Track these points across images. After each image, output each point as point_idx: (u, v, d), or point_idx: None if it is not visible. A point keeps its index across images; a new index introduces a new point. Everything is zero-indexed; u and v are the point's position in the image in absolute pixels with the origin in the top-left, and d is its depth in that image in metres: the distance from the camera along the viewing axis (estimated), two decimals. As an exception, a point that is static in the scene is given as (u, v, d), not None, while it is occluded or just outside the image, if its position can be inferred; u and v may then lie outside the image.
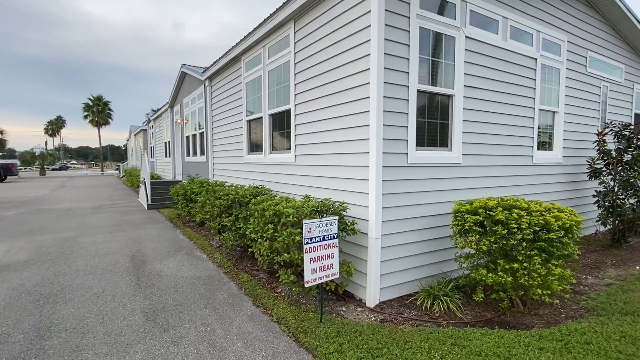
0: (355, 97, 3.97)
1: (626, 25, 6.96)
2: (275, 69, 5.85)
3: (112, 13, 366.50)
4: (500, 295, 3.56)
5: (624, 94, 7.54)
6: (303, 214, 3.59)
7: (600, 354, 2.84)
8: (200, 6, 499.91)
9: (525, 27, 5.23)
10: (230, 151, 7.98)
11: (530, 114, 5.44)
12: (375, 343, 3.01)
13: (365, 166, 3.86)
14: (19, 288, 4.40)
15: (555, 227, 3.22)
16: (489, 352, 2.87)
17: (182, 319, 3.55)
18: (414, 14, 3.97)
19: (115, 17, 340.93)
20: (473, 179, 4.72)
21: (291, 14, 5.11)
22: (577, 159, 6.39)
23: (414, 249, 4.13)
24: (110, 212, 10.60)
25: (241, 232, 4.83)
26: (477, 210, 3.59)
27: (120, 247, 6.38)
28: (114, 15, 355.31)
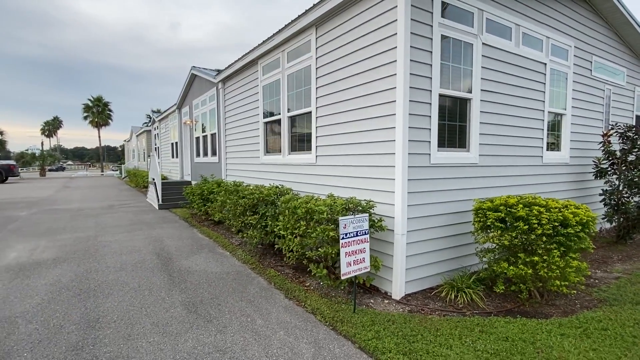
0: (382, 101, 4.20)
1: (628, 31, 7.25)
2: (295, 73, 6.07)
3: (107, 13, 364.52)
4: (520, 287, 3.80)
5: (626, 97, 7.83)
6: (335, 212, 3.81)
7: (617, 338, 3.08)
8: (197, 6, 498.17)
9: (535, 34, 5.49)
10: (245, 152, 8.18)
11: (540, 117, 5.70)
12: (409, 330, 3.24)
13: (392, 166, 4.09)
14: (56, 284, 4.59)
15: (573, 223, 3.47)
16: (515, 337, 3.11)
17: (222, 311, 3.76)
18: (436, 23, 4.21)
19: (111, 17, 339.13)
20: (489, 178, 4.97)
21: (313, 21, 5.33)
22: (583, 159, 6.66)
23: (436, 245, 4.36)
24: (122, 212, 10.76)
25: (268, 230, 5.04)
26: (499, 208, 3.83)
27: (143, 245, 6.57)
28: (110, 15, 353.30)
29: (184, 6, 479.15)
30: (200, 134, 11.60)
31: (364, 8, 4.42)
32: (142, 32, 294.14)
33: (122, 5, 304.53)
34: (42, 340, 3.19)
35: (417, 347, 2.95)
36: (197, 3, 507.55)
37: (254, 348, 3.04)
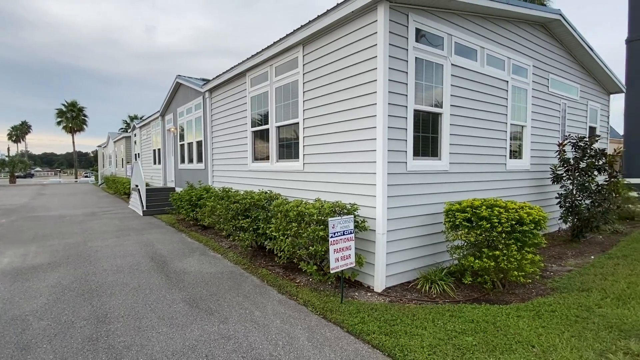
0: (364, 115, 4.71)
1: (580, 51, 8.13)
2: (282, 86, 6.52)
3: (79, 15, 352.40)
4: (485, 278, 4.36)
5: (579, 110, 8.72)
6: (324, 214, 4.27)
7: (563, 318, 3.67)
8: (174, 10, 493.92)
9: (498, 55, 6.17)
10: (233, 159, 8.53)
11: (503, 128, 6.38)
12: (389, 316, 3.72)
13: (373, 173, 4.60)
14: (57, 285, 4.81)
15: (527, 221, 4.06)
16: (480, 319, 3.64)
17: (221, 305, 4.13)
18: (411, 47, 4.77)
19: (83, 19, 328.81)
20: (458, 183, 5.56)
21: (300, 40, 5.81)
22: (542, 166, 7.41)
23: (412, 243, 4.89)
24: (106, 218, 10.83)
25: (260, 232, 5.43)
26: (466, 209, 4.39)
27: (135, 249, 6.80)
28: (82, 17, 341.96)
29: (160, 10, 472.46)
30: (186, 141, 11.82)
31: (348, 32, 4.94)
32: (116, 35, 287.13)
33: (95, 7, 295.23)
34: (58, 333, 3.47)
35: (397, 329, 3.44)
36: (173, 7, 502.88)
37: (255, 334, 3.44)
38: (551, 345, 3.14)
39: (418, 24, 4.85)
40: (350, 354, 3.09)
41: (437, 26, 5.10)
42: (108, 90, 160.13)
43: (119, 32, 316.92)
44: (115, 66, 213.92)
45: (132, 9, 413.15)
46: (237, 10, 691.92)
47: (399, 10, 4.61)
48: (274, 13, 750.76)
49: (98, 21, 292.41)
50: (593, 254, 6.20)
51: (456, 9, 5.25)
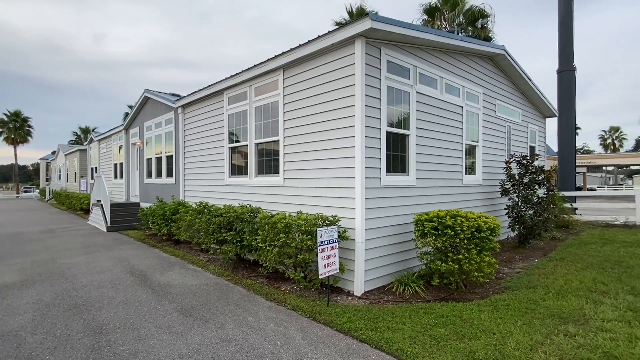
0: (344, 135, 5.24)
1: (521, 81, 9.35)
2: (262, 105, 6.92)
3: (18, 18, 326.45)
4: (450, 280, 4.97)
5: (522, 131, 9.93)
6: (311, 224, 4.69)
7: (516, 310, 4.33)
8: (126, 18, 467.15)
9: (455, 84, 7.04)
10: (208, 174, 8.70)
11: (459, 148, 7.21)
12: (372, 315, 4.18)
13: (352, 187, 5.11)
14: (39, 302, 4.76)
15: (484, 228, 4.75)
16: (448, 314, 4.21)
17: (215, 313, 4.37)
18: (383, 76, 5.42)
19: (23, 24, 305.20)
20: (423, 196, 6.23)
21: (281, 65, 6.27)
22: (492, 181, 8.37)
23: (387, 250, 5.43)
24: (68, 235, 10.40)
25: (245, 244, 5.71)
26: (433, 219, 5.02)
27: (110, 265, 6.74)
28: (21, 22, 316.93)
29: (110, 17, 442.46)
30: (153, 155, 11.72)
31: (328, 60, 5.49)
32: (61, 41, 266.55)
33: (36, 11, 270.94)
34: (57, 346, 3.55)
35: (380, 325, 3.90)
36: (125, 15, 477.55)
37: (253, 336, 3.74)
38: (508, 331, 3.75)
39: (389, 56, 5.52)
40: (342, 348, 3.50)
41: (404, 59, 5.81)
42: (50, 98, 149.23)
43: (66, 39, 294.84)
44: (60, 74, 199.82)
45: (78, 16, 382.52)
46: (193, 22, 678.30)
47: (373, 45, 5.24)
48: (232, 26, 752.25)
49: (40, 27, 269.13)
50: (536, 258, 7.11)
51: (421, 44, 6.01)
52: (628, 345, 3.42)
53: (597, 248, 7.66)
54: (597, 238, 8.79)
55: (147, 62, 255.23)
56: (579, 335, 3.67)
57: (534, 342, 3.52)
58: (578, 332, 3.72)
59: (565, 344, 3.48)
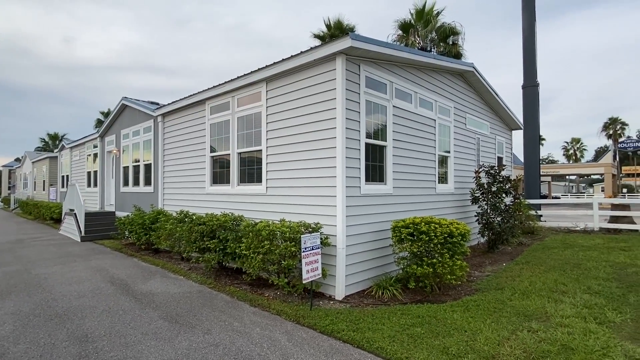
0: (326, 146, 5.50)
1: (488, 96, 9.98)
2: (245, 116, 7.10)
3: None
4: (425, 283, 5.28)
5: (490, 143, 10.55)
6: (294, 231, 4.89)
7: (485, 309, 4.68)
8: (97, 21, 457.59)
9: (428, 98, 7.48)
10: (188, 182, 8.73)
11: (433, 159, 7.64)
12: (353, 317, 4.40)
13: (334, 196, 5.35)
14: (18, 313, 4.70)
15: (456, 234, 5.11)
16: (424, 315, 4.49)
17: (200, 320, 4.46)
18: (362, 91, 5.74)
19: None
20: (400, 204, 6.55)
21: (264, 78, 6.50)
22: (463, 190, 8.85)
23: (366, 256, 5.69)
24: (40, 245, 10.08)
25: (228, 251, 5.82)
26: (409, 225, 5.33)
27: (88, 275, 6.65)
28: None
29: (81, 20, 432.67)
30: (131, 163, 11.58)
31: (310, 75, 5.76)
32: (27, 43, 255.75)
33: (1, 12, 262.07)
34: (43, 354, 3.56)
35: (362, 326, 4.13)
36: (97, 19, 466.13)
37: (240, 340, 3.88)
38: (478, 329, 4.07)
39: (367, 72, 5.86)
40: (326, 348, 3.70)
41: (382, 75, 6.17)
42: (15, 104, 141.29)
43: (32, 42, 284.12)
44: (26, 78, 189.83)
45: (47, 18, 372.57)
46: (169, 27, 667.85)
47: (353, 62, 5.56)
48: (209, 33, 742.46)
49: (5, 29, 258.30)
50: (504, 262, 7.58)
51: (397, 61, 6.40)
52: (583, 338, 3.80)
53: (559, 252, 8.24)
54: (560, 243, 9.43)
55: (121, 67, 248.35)
56: (541, 330, 4.03)
57: (501, 338, 3.84)
58: (540, 328, 4.08)
59: (529, 339, 3.82)
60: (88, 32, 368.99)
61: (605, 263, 7.04)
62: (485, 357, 3.46)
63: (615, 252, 8.00)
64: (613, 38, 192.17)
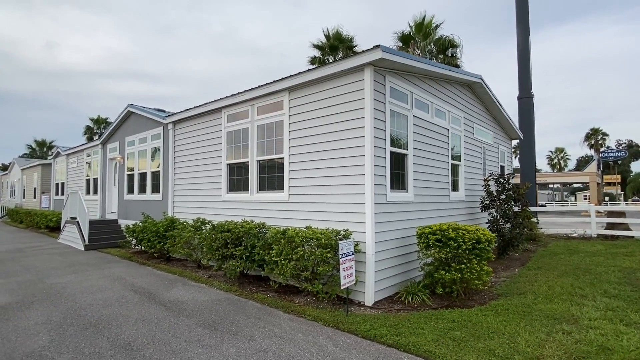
0: (354, 154, 5.61)
1: (493, 107, 10.30)
2: (265, 124, 7.17)
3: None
4: (452, 288, 5.41)
5: (494, 152, 10.86)
6: (328, 238, 4.96)
7: (515, 313, 4.82)
8: (82, 27, 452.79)
9: (442, 108, 7.70)
10: (201, 190, 8.71)
11: (446, 167, 7.84)
12: (391, 322, 4.48)
13: (362, 203, 5.46)
14: (49, 322, 4.61)
15: (483, 240, 5.26)
16: (458, 319, 4.60)
17: (239, 326, 4.47)
18: (387, 101, 5.90)
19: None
20: (419, 211, 6.70)
21: (287, 87, 6.60)
22: (472, 197, 9.07)
23: (392, 262, 5.79)
24: (42, 254, 9.84)
25: (256, 258, 5.83)
26: (436, 232, 5.46)
27: (107, 284, 6.55)
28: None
29: (64, 25, 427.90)
30: (136, 171, 11.46)
31: (337, 85, 5.90)
32: (8, 48, 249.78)
33: None
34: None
35: (403, 331, 4.21)
36: (81, 24, 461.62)
37: (287, 346, 3.91)
38: (515, 332, 4.20)
39: (392, 83, 6.03)
40: (374, 353, 3.76)
41: (403, 85, 6.35)
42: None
43: (13, 46, 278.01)
44: (6, 84, 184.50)
45: (29, 22, 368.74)
46: (154, 34, 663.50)
47: (379, 72, 5.73)
48: (196, 40, 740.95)
49: None
50: (516, 267, 7.78)
51: (416, 72, 6.60)
52: (616, 338, 3.96)
53: (566, 258, 8.50)
54: (564, 249, 9.72)
55: (105, 73, 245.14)
56: (574, 332, 4.18)
57: (540, 340, 3.98)
58: (573, 330, 4.24)
59: (566, 340, 3.96)
60: (72, 37, 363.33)
61: (614, 268, 7.31)
62: (530, 358, 3.58)
63: (619, 258, 8.31)
64: (590, 51, 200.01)
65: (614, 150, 51.93)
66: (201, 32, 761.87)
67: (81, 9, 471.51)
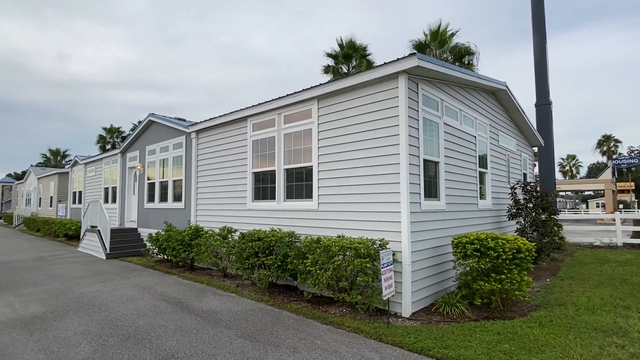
0: (388, 162, 5.56)
1: (516, 114, 10.21)
2: (293, 133, 7.16)
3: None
4: (491, 299, 5.28)
5: (517, 160, 10.73)
6: (367, 247, 4.89)
7: (560, 325, 4.67)
8: (92, 38, 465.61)
9: (469, 115, 7.64)
10: (226, 198, 8.70)
11: (474, 174, 7.74)
12: (435, 334, 4.37)
13: (398, 212, 5.39)
14: (88, 333, 4.58)
15: (523, 249, 5.15)
16: (503, 332, 4.48)
17: (280, 338, 4.39)
18: (420, 109, 5.86)
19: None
20: (452, 220, 6.60)
21: (316, 96, 6.60)
22: (499, 205, 8.94)
23: (428, 272, 5.69)
24: (65, 263, 9.88)
25: (290, 267, 5.77)
26: (474, 241, 5.36)
27: (137, 293, 6.52)
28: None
29: (76, 37, 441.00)
30: (157, 179, 11.51)
31: (369, 92, 5.88)
32: (21, 59, 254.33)
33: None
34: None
35: (450, 344, 4.10)
36: (92, 35, 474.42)
37: (333, 359, 3.82)
38: (565, 345, 4.07)
39: (424, 90, 6.00)
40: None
41: (434, 93, 6.31)
42: (7, 119, 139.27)
43: (26, 57, 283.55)
44: (20, 94, 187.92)
45: (41, 35, 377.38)
46: (163, 45, 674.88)
47: (413, 80, 5.70)
48: (203, 50, 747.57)
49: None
50: (547, 277, 7.60)
51: (446, 79, 6.56)
52: (675, 353, 3.81)
53: (597, 267, 8.30)
54: (592, 258, 9.50)
55: (115, 84, 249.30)
56: (627, 345, 4.04)
57: (594, 354, 3.84)
58: (625, 343, 4.09)
59: (621, 354, 3.82)
60: (82, 48, 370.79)
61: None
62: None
63: (653, 267, 8.09)
64: (597, 58, 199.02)
65: (626, 157, 51.12)
66: (208, 43, 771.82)
67: (92, 20, 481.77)
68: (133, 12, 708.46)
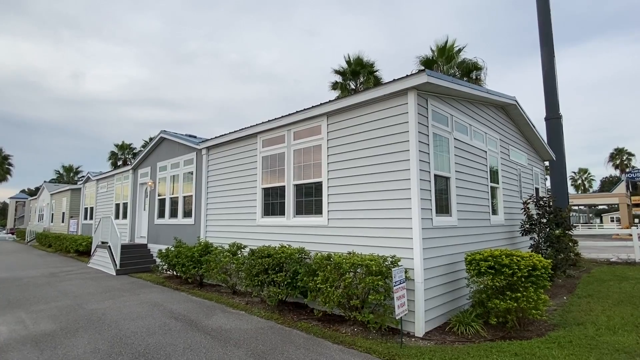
0: (399, 178, 5.53)
1: (526, 128, 10.14)
2: (302, 149, 7.19)
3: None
4: (507, 318, 5.13)
5: (528, 174, 10.60)
6: (378, 264, 4.82)
7: (580, 346, 4.50)
8: (105, 57, 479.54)
9: (479, 130, 7.61)
10: (236, 214, 8.71)
11: (486, 189, 7.65)
12: (449, 355, 4.24)
13: (410, 228, 5.32)
14: (98, 351, 4.55)
15: (539, 267, 5.02)
16: (520, 352, 4.32)
17: (290, 358, 4.30)
18: (430, 124, 5.85)
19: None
20: (464, 236, 6.49)
21: (325, 112, 6.65)
22: (512, 221, 8.79)
23: (440, 290, 5.57)
24: (75, 279, 9.92)
25: (300, 285, 5.70)
26: (487, 258, 5.25)
27: (146, 310, 6.49)
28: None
29: (90, 56, 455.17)
30: (168, 195, 11.61)
31: (379, 109, 5.90)
32: (37, 78, 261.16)
33: (11, 48, 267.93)
34: (150, 396, 3.41)
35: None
36: (105, 55, 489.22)
37: (346, 380, 3.72)
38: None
39: (433, 106, 6.00)
40: (440, 389, 3.54)
41: (444, 108, 6.32)
42: (23, 137, 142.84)
43: (42, 76, 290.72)
44: (35, 112, 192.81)
45: (57, 54, 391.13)
46: (174, 63, 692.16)
47: (422, 96, 5.72)
48: (213, 68, 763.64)
49: (15, 64, 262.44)
50: (564, 295, 7.38)
51: (456, 95, 6.57)
52: None
53: (616, 285, 8.04)
54: (610, 275, 9.22)
55: (127, 101, 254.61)
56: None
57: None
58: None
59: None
60: (96, 67, 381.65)
61: (673, 296, 6.86)
62: (615, 398, 3.30)
63: (675, 285, 7.81)
64: (604, 71, 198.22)
65: (639, 171, 50.21)
66: (218, 61, 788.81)
67: (105, 40, 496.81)
68: (146, 31, 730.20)
